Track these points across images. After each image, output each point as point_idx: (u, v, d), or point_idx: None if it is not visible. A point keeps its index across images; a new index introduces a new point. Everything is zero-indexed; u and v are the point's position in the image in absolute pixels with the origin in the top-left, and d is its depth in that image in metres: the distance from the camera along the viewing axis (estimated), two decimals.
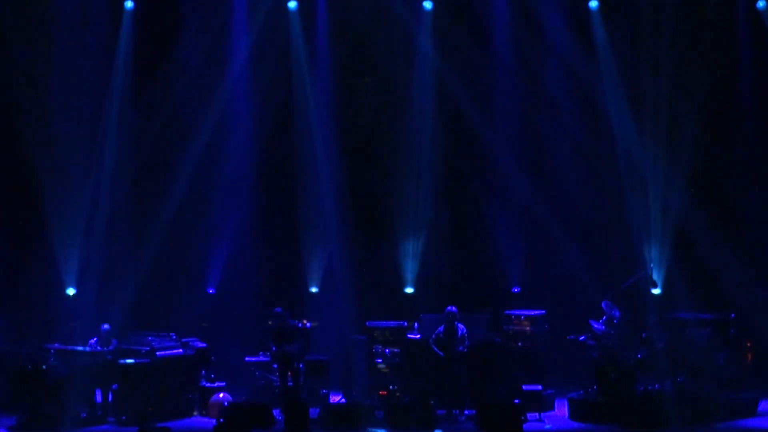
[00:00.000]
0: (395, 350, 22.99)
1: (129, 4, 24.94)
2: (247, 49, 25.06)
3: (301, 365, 22.53)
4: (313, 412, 21.15)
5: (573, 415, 22.05)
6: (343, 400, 22.81)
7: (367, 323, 23.33)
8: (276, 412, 21.14)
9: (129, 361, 22.08)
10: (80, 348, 22.12)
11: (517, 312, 23.63)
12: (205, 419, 22.27)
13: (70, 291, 24.44)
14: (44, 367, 21.61)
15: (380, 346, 23.04)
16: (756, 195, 24.91)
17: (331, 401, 22.68)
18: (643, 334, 22.22)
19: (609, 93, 24.70)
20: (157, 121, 24.78)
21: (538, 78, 25.14)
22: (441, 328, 22.46)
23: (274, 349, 22.46)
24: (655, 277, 23.94)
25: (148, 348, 22.22)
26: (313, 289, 25.18)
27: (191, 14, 25.06)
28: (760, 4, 24.63)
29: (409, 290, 24.95)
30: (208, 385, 22.74)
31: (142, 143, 24.80)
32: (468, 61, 25.10)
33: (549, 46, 25.05)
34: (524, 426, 20.83)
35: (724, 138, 24.94)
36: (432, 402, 21.73)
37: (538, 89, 25.15)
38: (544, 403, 22.29)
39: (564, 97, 25.02)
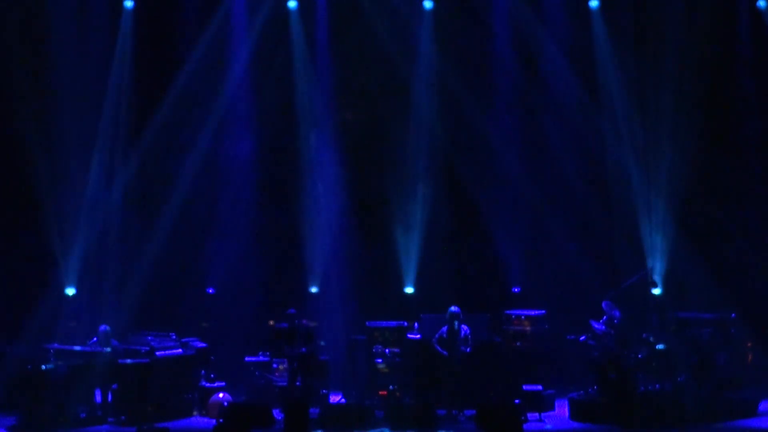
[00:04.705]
0: (395, 350, 22.98)
1: (129, 4, 24.94)
2: (248, 49, 25.07)
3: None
4: (313, 412, 21.13)
5: (573, 415, 22.03)
6: (343, 400, 22.80)
7: (367, 323, 23.31)
8: (276, 412, 21.14)
9: (129, 361, 22.09)
10: (80, 348, 22.12)
11: (517, 312, 23.62)
12: (205, 419, 22.26)
13: (70, 291, 24.43)
14: (44, 367, 21.59)
15: (380, 346, 23.02)
16: (757, 194, 24.89)
17: (331, 401, 22.67)
18: (644, 334, 22.20)
19: (610, 92, 24.70)
20: (157, 121, 24.78)
21: (539, 77, 25.13)
22: (444, 329, 22.42)
23: (287, 349, 22.46)
24: (655, 277, 23.95)
25: (147, 348, 22.24)
26: (313, 289, 25.16)
27: (191, 14, 25.06)
28: (760, 4, 24.63)
29: (409, 290, 24.93)
30: (208, 385, 22.74)
31: (142, 143, 24.80)
32: (468, 60, 25.09)
33: (549, 45, 25.04)
34: (524, 426, 20.82)
35: (725, 137, 24.93)
36: (432, 402, 21.74)
37: (539, 89, 25.13)
38: (544, 403, 22.27)
39: (565, 97, 25.01)
